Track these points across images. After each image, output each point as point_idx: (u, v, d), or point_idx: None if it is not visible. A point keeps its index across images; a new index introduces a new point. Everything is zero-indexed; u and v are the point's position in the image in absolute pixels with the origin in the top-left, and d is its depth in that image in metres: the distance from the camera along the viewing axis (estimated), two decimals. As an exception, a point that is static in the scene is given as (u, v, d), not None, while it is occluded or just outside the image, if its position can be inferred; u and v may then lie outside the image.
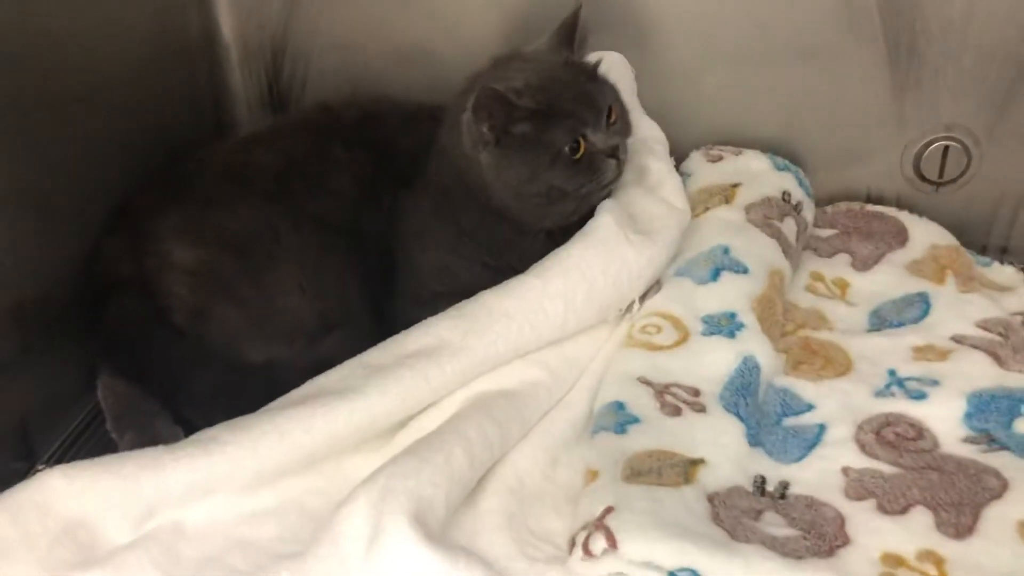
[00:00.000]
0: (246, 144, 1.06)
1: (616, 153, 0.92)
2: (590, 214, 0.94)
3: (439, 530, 0.72)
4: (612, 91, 0.95)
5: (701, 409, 0.83)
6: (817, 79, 1.11)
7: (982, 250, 1.12)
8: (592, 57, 1.01)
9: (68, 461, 0.87)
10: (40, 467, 0.89)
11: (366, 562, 0.69)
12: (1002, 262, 1.09)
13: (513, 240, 0.96)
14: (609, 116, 0.92)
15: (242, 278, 0.94)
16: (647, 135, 1.08)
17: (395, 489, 0.72)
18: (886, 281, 1.04)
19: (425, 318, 0.94)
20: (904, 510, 0.75)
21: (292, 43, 1.20)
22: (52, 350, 0.92)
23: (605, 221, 0.92)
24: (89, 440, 0.92)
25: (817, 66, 1.10)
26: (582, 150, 0.90)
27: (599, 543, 0.69)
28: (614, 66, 1.10)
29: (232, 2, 1.19)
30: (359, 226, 0.99)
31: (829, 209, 1.14)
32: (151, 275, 0.94)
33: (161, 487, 0.76)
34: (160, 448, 0.79)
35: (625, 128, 0.95)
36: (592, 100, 0.91)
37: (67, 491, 0.75)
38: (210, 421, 0.84)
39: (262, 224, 0.96)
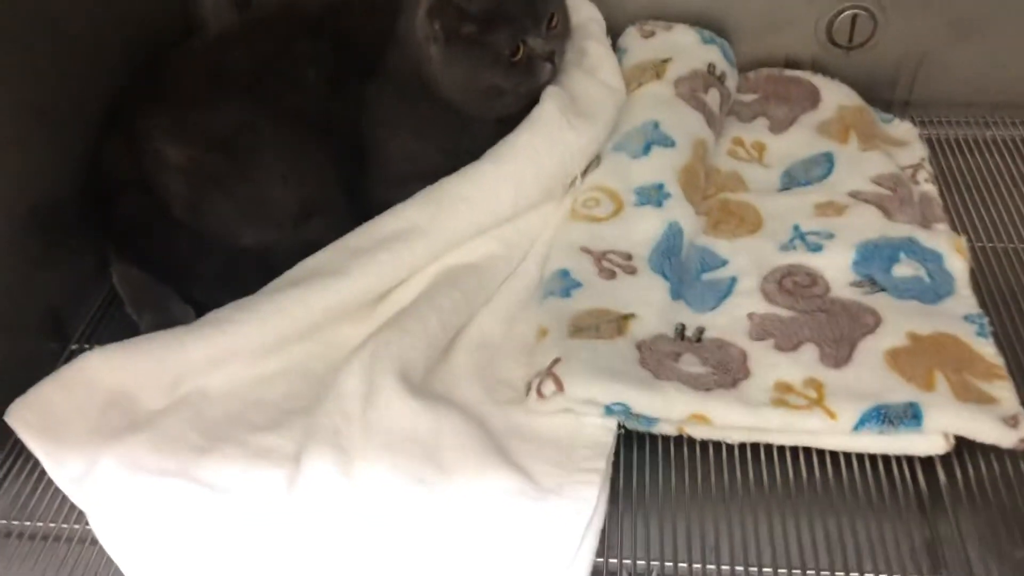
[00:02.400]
0: (219, 44, 1.14)
1: (552, 57, 1.03)
2: (536, 100, 1.07)
3: (420, 384, 0.89)
4: (554, 6, 1.05)
5: (632, 271, 0.99)
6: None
7: (887, 106, 1.26)
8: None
9: (95, 339, 1.04)
10: (73, 347, 1.04)
11: (364, 413, 0.86)
12: (903, 117, 1.24)
13: (466, 127, 1.08)
14: (550, 22, 1.03)
15: (230, 172, 1.05)
16: (586, 16, 1.18)
17: (382, 355, 0.88)
18: (798, 142, 1.18)
19: (396, 197, 1.06)
20: (796, 347, 0.93)
21: None
22: (70, 245, 1.05)
23: (548, 108, 1.05)
24: (112, 320, 1.06)
25: None
26: (521, 53, 1.02)
27: (549, 387, 0.87)
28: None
29: None
30: (330, 116, 1.08)
31: (751, 75, 1.27)
32: (149, 174, 1.05)
33: (185, 361, 0.91)
34: (180, 328, 0.93)
35: (565, 31, 1.07)
36: (534, 9, 1.02)
37: (106, 368, 0.90)
38: (216, 300, 0.97)
39: (242, 121, 1.06)
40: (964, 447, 0.85)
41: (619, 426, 0.88)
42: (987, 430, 0.83)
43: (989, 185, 1.16)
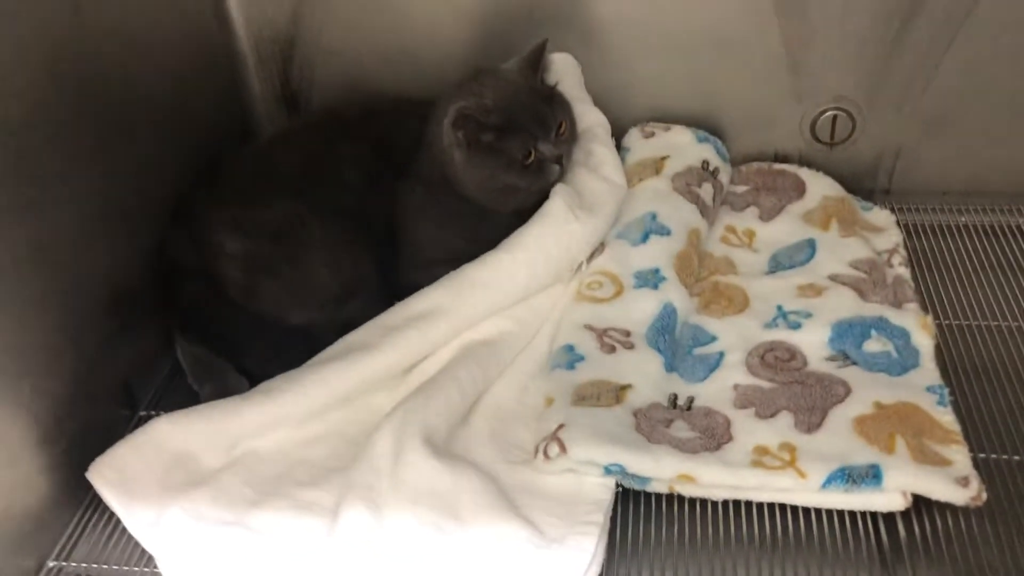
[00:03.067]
0: (270, 147, 1.30)
1: (560, 160, 1.18)
2: (547, 196, 1.21)
3: (442, 446, 1.02)
4: (564, 109, 1.20)
5: (631, 347, 1.12)
6: (730, 63, 1.34)
7: (868, 195, 1.39)
8: (551, 61, 1.26)
9: (161, 406, 1.17)
10: (142, 413, 1.18)
11: (393, 471, 0.98)
12: (882, 205, 1.36)
13: (485, 219, 1.22)
14: (559, 129, 1.18)
15: (280, 260, 1.18)
16: (593, 121, 1.33)
17: (409, 420, 1.01)
18: (784, 230, 1.29)
19: (423, 280, 1.19)
20: (773, 414, 1.04)
21: (299, 51, 1.40)
22: (141, 324, 1.18)
23: (557, 203, 1.19)
24: (176, 390, 1.20)
25: (730, 53, 1.33)
26: (532, 157, 1.16)
27: (555, 449, 0.99)
28: (565, 65, 1.35)
29: (246, 20, 1.40)
30: (368, 210, 1.19)
31: (744, 168, 1.40)
32: (209, 262, 1.20)
33: (240, 426, 1.05)
34: (236, 398, 1.07)
35: (572, 136, 1.22)
36: (544, 119, 1.17)
37: (172, 432, 1.04)
38: (267, 372, 1.08)
39: (291, 216, 1.19)
40: (922, 504, 0.95)
41: (616, 485, 0.99)
42: (941, 489, 0.93)
43: (959, 267, 1.28)
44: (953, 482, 0.93)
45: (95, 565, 0.99)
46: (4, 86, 0.95)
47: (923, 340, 1.10)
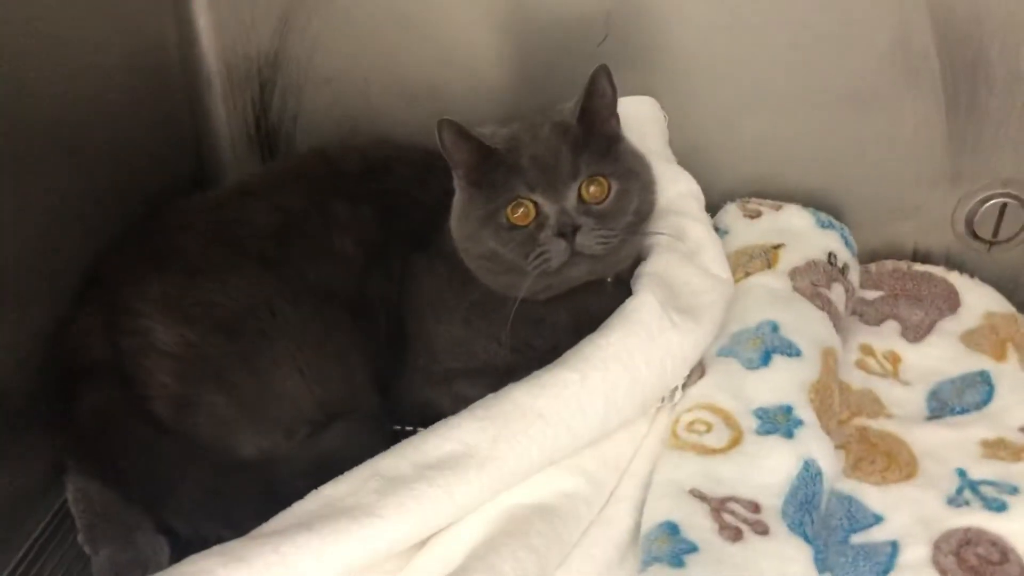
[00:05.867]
0: (236, 197, 0.95)
1: (570, 234, 0.80)
2: (601, 284, 0.86)
3: None
4: (614, 163, 0.83)
5: (764, 531, 0.73)
6: (865, 127, 1.02)
7: (1039, 314, 1.05)
8: (622, 104, 0.89)
9: (35, 572, 0.77)
10: (3, 582, 0.78)
11: None
12: (1062, 328, 1.01)
13: (532, 318, 0.86)
14: (591, 190, 0.81)
15: (234, 361, 0.84)
16: (682, 189, 0.99)
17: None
18: (941, 355, 0.97)
19: (438, 399, 0.89)
20: (998, 657, 0.67)
21: (283, 74, 1.09)
22: (12, 445, 0.81)
23: (647, 301, 0.83)
24: (56, 550, 0.81)
25: (866, 114, 1.02)
26: (530, 220, 0.81)
27: None
28: (642, 112, 1.02)
29: (215, 25, 1.07)
30: (366, 295, 0.91)
31: (873, 267, 1.06)
32: (129, 358, 0.84)
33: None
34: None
35: (624, 209, 0.83)
36: (555, 165, 0.81)
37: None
38: (198, 529, 0.78)
39: (256, 296, 0.86)
40: None
41: None
42: None
43: None
44: None
45: None
46: None
47: None
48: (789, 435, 0.81)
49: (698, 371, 0.87)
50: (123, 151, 0.95)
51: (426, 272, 0.91)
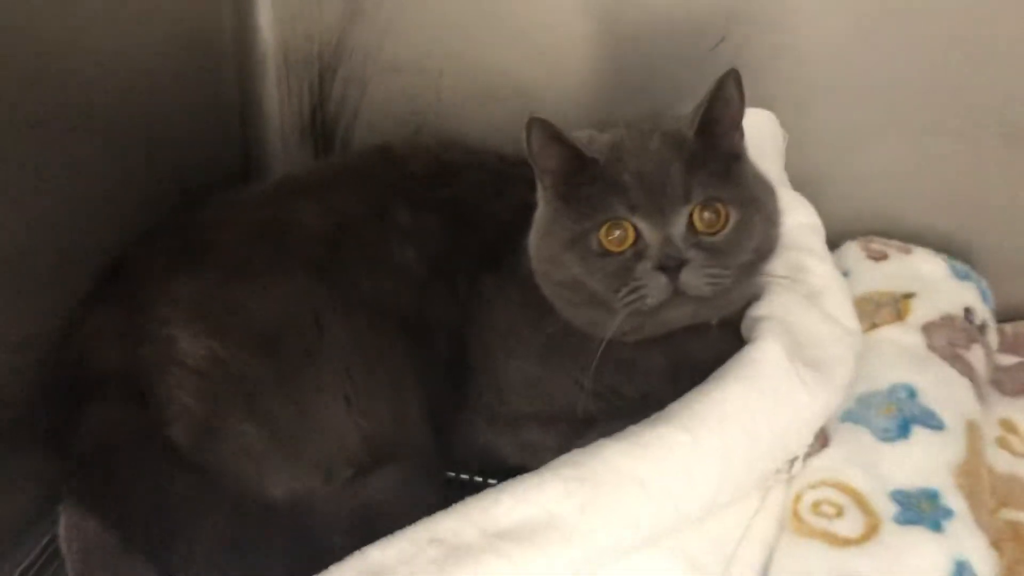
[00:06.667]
0: (286, 193, 0.83)
1: (674, 270, 0.66)
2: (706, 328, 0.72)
3: None
4: (732, 187, 0.69)
5: (913, 650, 0.59)
6: (1018, 166, 0.88)
7: None
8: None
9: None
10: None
11: None
12: None
13: (623, 359, 0.72)
14: (712, 226, 0.68)
15: (270, 383, 0.71)
16: (802, 220, 0.85)
17: None
18: None
19: (505, 445, 0.78)
20: None
21: (347, 61, 0.97)
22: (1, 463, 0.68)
23: (772, 352, 0.69)
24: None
25: (1021, 150, 0.87)
26: (626, 245, 0.68)
27: None
28: (761, 127, 0.88)
29: (275, 3, 0.94)
30: (425, 316, 0.78)
31: (1009, 328, 0.92)
32: (147, 371, 0.70)
33: None
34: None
35: (742, 242, 0.69)
36: (663, 184, 0.68)
37: None
38: None
39: (301, 307, 0.74)
40: None
41: None
42: None
43: None
44: None
45: None
46: None
47: None
48: (936, 527, 0.66)
49: (821, 439, 0.72)
50: (159, 132, 0.84)
51: (497, 296, 0.78)
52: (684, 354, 0.73)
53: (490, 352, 0.77)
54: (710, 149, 0.70)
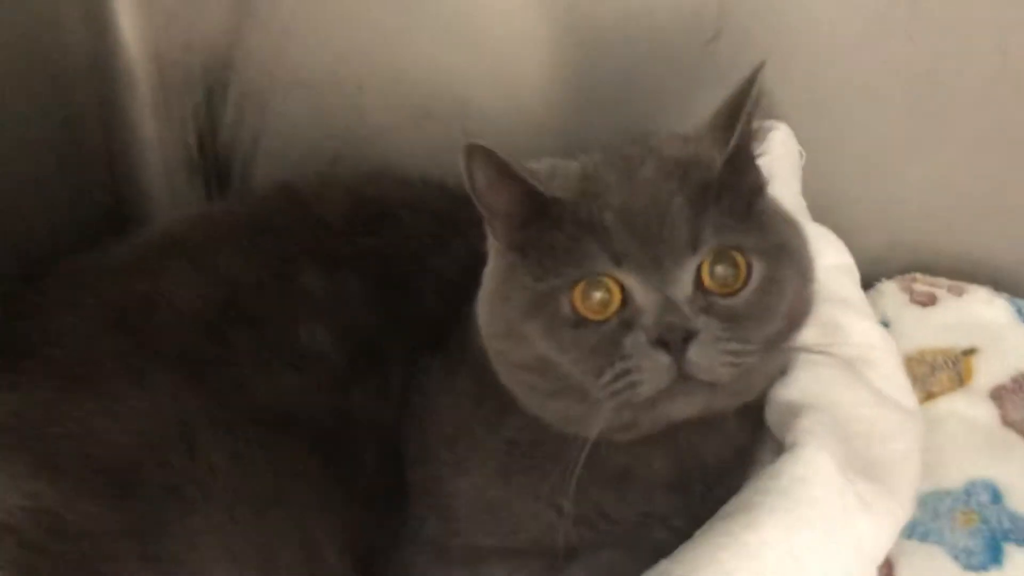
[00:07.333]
0: (156, 257, 0.65)
1: (679, 345, 0.50)
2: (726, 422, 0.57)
3: None
4: (749, 233, 0.53)
5: None
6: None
7: None
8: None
9: None
10: None
11: None
12: None
13: (597, 462, 0.54)
14: (730, 284, 0.52)
15: (121, 544, 0.52)
16: (832, 262, 0.70)
17: None
18: None
19: None
20: None
21: (240, 76, 0.82)
22: None
23: (822, 466, 0.51)
24: None
25: None
26: (603, 306, 0.52)
27: None
28: (770, 143, 0.69)
29: (140, 5, 0.75)
30: (346, 423, 0.62)
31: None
32: None
33: None
34: None
35: (762, 314, 0.52)
36: (660, 226, 0.52)
37: None
38: None
39: (167, 424, 0.57)
40: None
41: None
42: None
43: None
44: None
45: None
46: None
47: None
48: None
49: (884, 569, 0.55)
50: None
51: (442, 388, 0.62)
52: (694, 455, 0.58)
53: (434, 466, 0.60)
54: (729, 177, 0.53)
